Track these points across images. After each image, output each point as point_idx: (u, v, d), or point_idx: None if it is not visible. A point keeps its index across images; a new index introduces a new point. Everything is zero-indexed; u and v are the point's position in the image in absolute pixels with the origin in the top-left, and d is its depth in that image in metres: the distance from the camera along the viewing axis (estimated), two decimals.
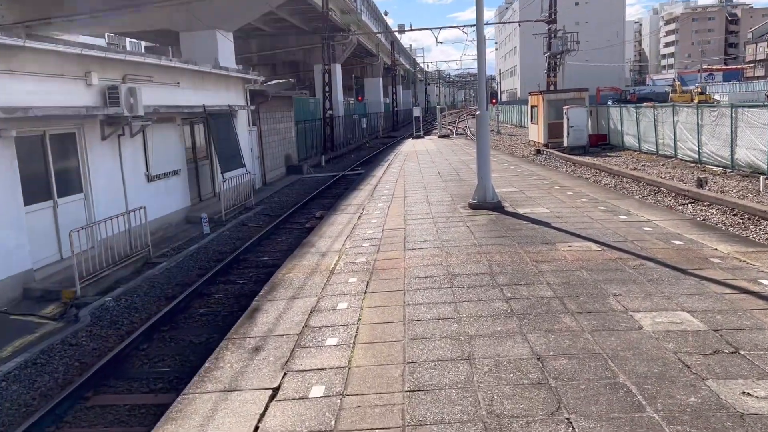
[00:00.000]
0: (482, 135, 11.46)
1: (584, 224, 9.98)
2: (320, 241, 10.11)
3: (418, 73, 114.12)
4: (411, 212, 11.97)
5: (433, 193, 14.62)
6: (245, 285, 10.89)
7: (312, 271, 8.16)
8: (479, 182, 11.65)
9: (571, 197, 12.97)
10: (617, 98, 69.63)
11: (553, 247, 8.54)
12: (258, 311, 6.60)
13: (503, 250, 8.45)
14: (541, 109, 33.32)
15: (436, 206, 12.48)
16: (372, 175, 19.47)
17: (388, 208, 12.76)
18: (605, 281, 6.83)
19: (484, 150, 11.33)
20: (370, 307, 6.42)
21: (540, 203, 12.24)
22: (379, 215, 11.94)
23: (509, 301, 6.34)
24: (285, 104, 28.04)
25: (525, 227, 9.97)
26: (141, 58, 13.80)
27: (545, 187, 14.85)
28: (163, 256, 13.15)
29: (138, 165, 14.35)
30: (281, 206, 19.52)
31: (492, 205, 11.62)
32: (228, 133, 18.45)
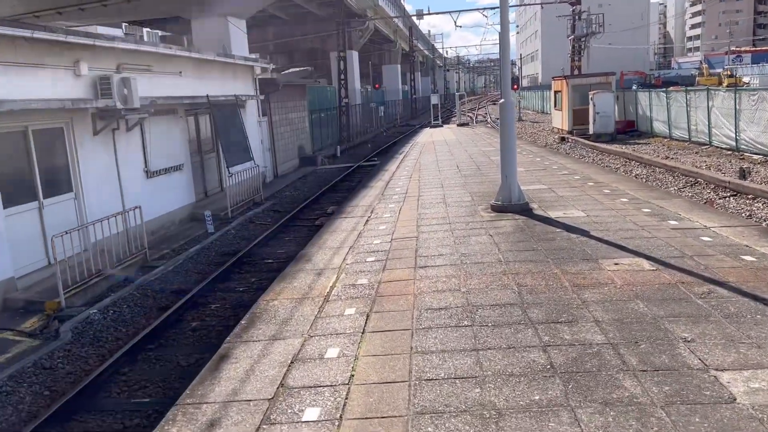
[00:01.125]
0: (506, 127, 9.92)
1: (629, 233, 8.46)
2: (319, 253, 8.76)
3: (437, 59, 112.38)
4: (425, 216, 10.58)
5: (451, 191, 13.17)
6: (245, 293, 9.94)
7: (303, 296, 6.83)
8: (503, 181, 10.18)
9: (608, 197, 11.42)
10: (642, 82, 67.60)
11: (595, 265, 7.08)
12: (226, 360, 5.27)
13: (535, 270, 7.02)
14: (565, 95, 31.94)
15: (454, 208, 11.09)
16: (384, 170, 18.18)
17: (399, 210, 11.41)
18: (669, 318, 5.40)
19: (508, 144, 9.88)
20: (367, 355, 5.08)
21: (574, 204, 10.71)
22: (389, 220, 10.60)
23: (547, 349, 4.93)
24: (298, 93, 27.03)
25: (559, 237, 8.48)
26: (136, 46, 12.85)
27: (577, 183, 13.27)
28: (162, 259, 12.25)
29: (135, 161, 13.44)
30: (292, 201, 18.56)
31: (518, 208, 10.18)
32: (235, 125, 17.50)
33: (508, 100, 9.94)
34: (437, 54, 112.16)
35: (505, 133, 10.06)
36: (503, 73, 9.63)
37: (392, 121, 56.78)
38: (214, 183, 17.69)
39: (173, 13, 30.64)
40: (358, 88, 47.62)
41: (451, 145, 24.54)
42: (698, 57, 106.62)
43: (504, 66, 9.71)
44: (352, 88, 44.65)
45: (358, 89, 47.28)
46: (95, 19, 35.87)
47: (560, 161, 17.88)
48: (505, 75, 9.63)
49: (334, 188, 20.59)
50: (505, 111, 10.00)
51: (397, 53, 69.31)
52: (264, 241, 13.34)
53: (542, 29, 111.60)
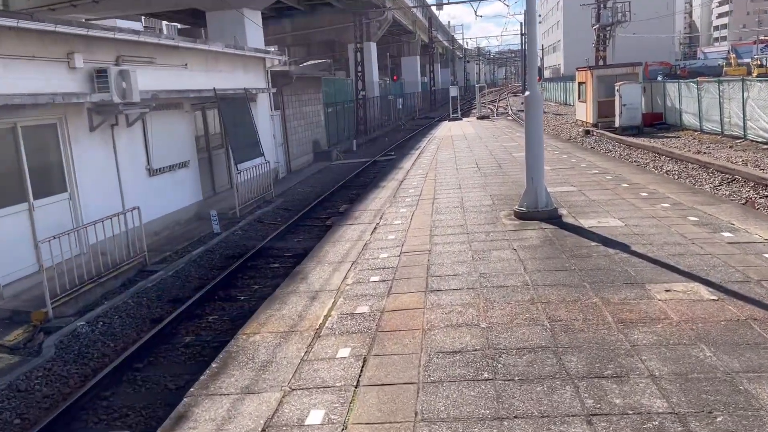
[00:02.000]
0: (533, 124, 8.64)
1: (678, 248, 7.15)
2: (317, 269, 7.58)
3: (457, 50, 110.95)
4: (440, 223, 9.34)
5: (470, 192, 11.90)
6: (246, 303, 9.21)
7: (290, 329, 5.68)
8: (529, 184, 8.92)
9: (646, 201, 9.99)
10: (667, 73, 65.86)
11: (642, 291, 5.80)
12: (183, 421, 4.21)
13: (569, 298, 5.77)
14: (589, 86, 30.78)
15: (473, 214, 9.82)
16: (399, 167, 17.13)
17: (411, 216, 10.17)
18: (747, 373, 4.17)
19: (535, 143, 8.60)
20: (359, 422, 3.95)
21: (608, 211, 9.36)
22: (399, 228, 9.40)
23: (594, 421, 3.73)
24: (312, 86, 26.27)
25: (595, 252, 7.21)
26: (135, 37, 12.16)
27: (610, 185, 11.86)
28: (163, 262, 11.59)
29: (137, 158, 12.78)
30: (303, 199, 17.82)
31: (546, 215, 8.93)
32: (244, 119, 16.79)
33: (535, 94, 8.67)
34: (457, 45, 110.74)
35: (531, 131, 8.78)
36: (529, 63, 8.45)
37: (411, 113, 55.83)
38: (223, 180, 17.01)
39: (189, 4, 30.21)
40: (376, 80, 46.75)
41: (470, 140, 23.27)
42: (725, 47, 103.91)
43: (530, 55, 8.57)
44: (369, 80, 43.81)
45: (376, 81, 46.42)
46: (109, 12, 35.56)
47: (588, 158, 16.54)
48: (532, 65, 8.48)
49: (347, 185, 19.81)
50: (532, 106, 8.70)
51: (417, 45, 68.22)
52: (271, 243, 12.60)
53: (564, 19, 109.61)
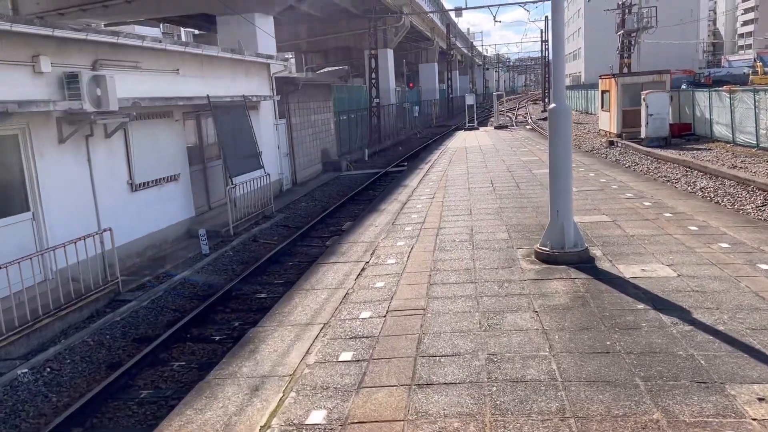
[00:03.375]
0: (559, 144, 6.95)
1: (757, 317, 5.33)
2: (274, 335, 5.76)
3: (475, 57, 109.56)
4: (442, 265, 7.59)
5: (482, 220, 10.11)
6: (220, 346, 7.95)
7: None
8: (554, 218, 7.23)
9: (698, 238, 8.12)
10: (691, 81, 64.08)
11: (724, 399, 4.03)
12: None
13: (617, 409, 3.99)
14: (613, 95, 29.33)
15: (484, 252, 8.04)
16: (404, 184, 15.40)
17: (409, 252, 8.41)
18: None
19: (561, 168, 6.91)
20: None
21: (653, 252, 7.53)
22: (392, 270, 7.62)
23: None
24: (322, 93, 25.10)
25: (645, 321, 5.38)
26: (113, 38, 11.01)
27: (649, 213, 9.91)
28: (139, 290, 10.39)
29: (116, 172, 11.62)
30: (306, 214, 16.59)
31: (575, 258, 7.17)
32: (242, 129, 15.62)
33: (562, 107, 6.89)
34: (476, 52, 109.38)
35: (556, 154, 7.04)
36: (555, 71, 6.78)
37: (427, 121, 54.54)
38: (219, 194, 15.83)
39: (198, 9, 29.48)
40: (393, 88, 45.60)
41: (485, 153, 21.54)
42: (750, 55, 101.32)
43: (556, 62, 6.86)
44: (385, 87, 42.69)
45: (392, 89, 45.28)
46: (119, 17, 34.95)
47: (619, 177, 14.45)
48: (558, 73, 6.76)
49: (354, 198, 18.56)
50: (558, 122, 6.92)
51: (435, 51, 67.04)
52: (263, 267, 11.37)
53: (586, 26, 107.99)
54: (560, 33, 6.25)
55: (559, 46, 6.35)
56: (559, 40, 6.29)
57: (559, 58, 6.48)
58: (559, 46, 6.35)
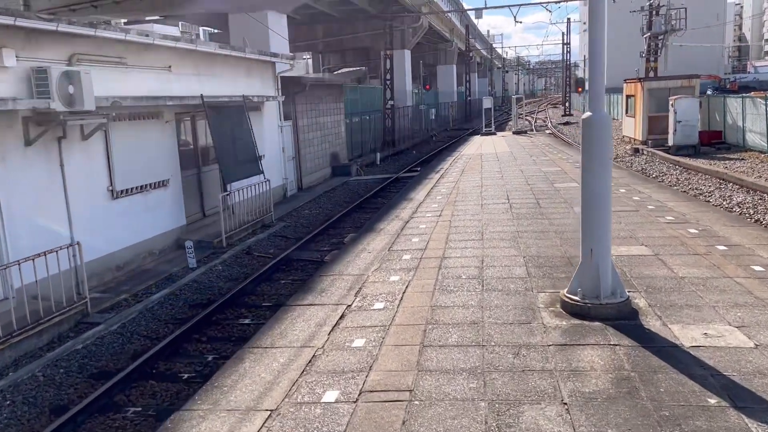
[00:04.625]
0: (595, 163, 5.39)
1: None
2: (201, 427, 4.23)
3: (495, 60, 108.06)
4: (442, 316, 5.97)
5: (495, 249, 8.41)
6: (186, 387, 6.85)
7: None
8: (586, 258, 5.60)
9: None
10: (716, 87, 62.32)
11: None
12: None
13: None
14: (639, 100, 27.95)
15: (497, 297, 6.41)
16: (409, 198, 13.74)
17: (402, 293, 6.75)
18: None
19: (598, 194, 5.38)
20: None
21: (713, 303, 5.94)
22: (377, 321, 5.97)
23: None
24: (332, 94, 24.02)
25: (723, 426, 3.89)
26: (91, 31, 9.97)
27: (698, 245, 8.15)
28: (112, 309, 9.36)
29: (95, 178, 10.59)
30: (308, 223, 15.49)
31: (614, 312, 5.57)
32: (240, 131, 14.56)
33: (600, 116, 5.32)
34: (495, 55, 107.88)
35: (592, 175, 5.40)
36: (593, 72, 5.19)
37: (444, 124, 53.30)
38: (215, 201, 14.73)
39: (211, 7, 28.72)
40: (409, 90, 44.51)
41: (502, 162, 19.65)
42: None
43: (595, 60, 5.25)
44: (401, 89, 41.61)
45: (409, 90, 44.19)
46: (129, 14, 34.42)
47: (656, 195, 12.46)
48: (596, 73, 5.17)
49: (362, 206, 17.44)
50: (594, 134, 5.33)
51: (453, 53, 65.83)
52: (251, 286, 10.28)
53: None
54: (600, 25, 4.95)
55: (598, 42, 4.91)
56: (598, 34, 4.94)
57: (598, 55, 4.91)
58: (598, 41, 4.92)
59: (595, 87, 5.28)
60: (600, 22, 5.05)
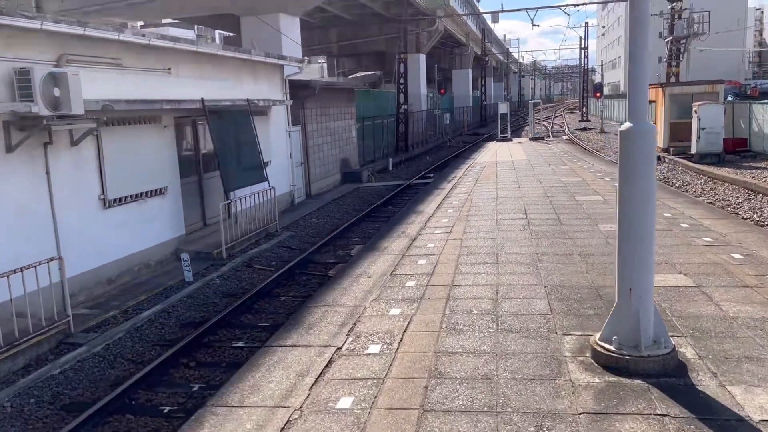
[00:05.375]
0: (636, 185, 4.46)
1: None
2: None
3: (511, 64, 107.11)
4: (448, 366, 5.02)
5: (512, 276, 7.45)
6: (164, 424, 6.17)
7: None
8: (624, 300, 4.67)
9: None
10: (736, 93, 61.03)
11: None
12: None
13: None
14: (660, 106, 27.06)
15: (514, 341, 5.42)
16: (418, 211, 12.75)
17: (402, 333, 5.76)
18: None
19: (639, 224, 4.47)
20: None
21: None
22: (370, 371, 5.05)
23: None
24: (343, 98, 23.38)
25: None
26: (80, 29, 9.37)
27: (747, 274, 7.13)
28: (99, 328, 8.73)
29: (85, 186, 9.99)
30: (314, 233, 14.81)
31: (658, 367, 4.63)
32: (244, 136, 13.94)
33: (643, 127, 4.42)
34: (512, 59, 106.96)
35: (632, 200, 4.47)
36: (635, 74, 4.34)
37: (459, 129, 52.50)
38: (217, 209, 14.09)
39: (222, 9, 28.34)
40: (424, 94, 43.86)
41: (519, 171, 18.62)
42: None
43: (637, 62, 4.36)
44: (416, 93, 40.99)
45: (423, 95, 43.55)
46: (143, 16, 34.21)
47: (688, 211, 11.27)
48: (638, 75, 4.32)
49: (371, 214, 16.75)
50: (636, 149, 4.41)
51: (469, 57, 65.12)
52: (249, 302, 9.61)
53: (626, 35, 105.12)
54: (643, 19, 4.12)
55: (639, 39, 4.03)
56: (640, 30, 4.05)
57: (639, 55, 4.23)
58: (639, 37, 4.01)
59: (636, 92, 4.39)
60: (643, 15, 4.24)
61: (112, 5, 29.43)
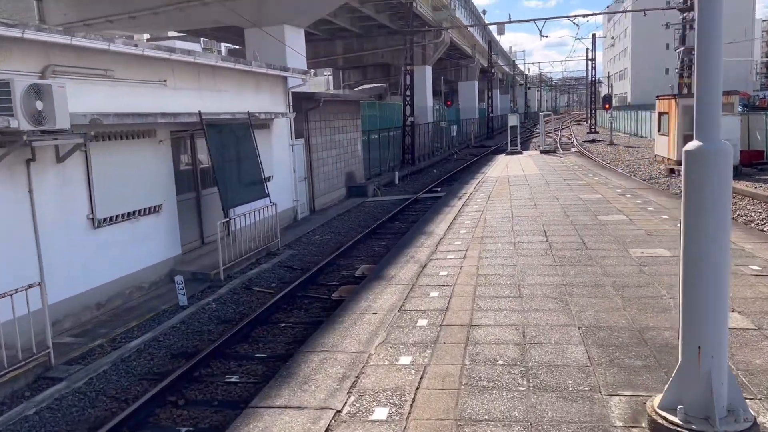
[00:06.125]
0: (707, 220, 3.63)
1: None
2: None
3: (517, 76, 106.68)
4: None
5: (539, 313, 6.55)
6: None
7: None
8: (690, 359, 3.79)
9: None
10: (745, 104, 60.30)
11: None
12: None
13: None
14: (673, 118, 26.39)
15: (550, 402, 4.56)
16: (427, 232, 11.67)
17: (414, 393, 4.87)
18: None
19: (710, 267, 3.63)
20: None
21: None
22: None
23: None
24: (348, 110, 22.80)
25: None
26: (66, 39, 8.78)
27: None
28: (83, 359, 8.08)
29: (72, 205, 9.38)
30: (317, 251, 14.15)
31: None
32: (244, 151, 13.32)
33: (716, 147, 3.62)
34: (518, 71, 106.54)
35: (701, 237, 3.67)
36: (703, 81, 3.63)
37: (465, 141, 51.91)
38: (216, 227, 13.52)
39: (226, 21, 27.95)
40: (430, 106, 43.35)
41: (533, 186, 17.54)
42: None
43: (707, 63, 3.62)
44: (422, 105, 40.48)
45: (429, 107, 43.05)
46: (146, 28, 33.96)
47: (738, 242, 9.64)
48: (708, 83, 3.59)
49: (377, 231, 16.09)
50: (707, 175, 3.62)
51: (475, 69, 64.64)
52: (246, 330, 8.94)
53: (633, 46, 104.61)
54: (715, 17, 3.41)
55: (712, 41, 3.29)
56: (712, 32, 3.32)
57: (712, 59, 3.53)
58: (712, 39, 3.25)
59: (706, 105, 3.59)
60: (714, 19, 3.49)
61: (115, 17, 29.17)
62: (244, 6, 23.51)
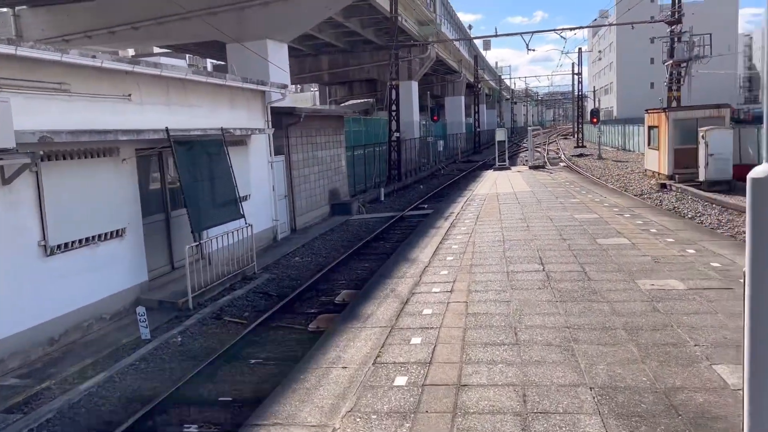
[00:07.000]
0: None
1: None
2: None
3: (503, 91, 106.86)
4: None
5: (541, 366, 5.65)
6: None
7: None
8: None
9: None
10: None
11: None
12: None
13: None
14: (663, 131, 25.95)
15: None
16: (410, 258, 10.79)
17: None
18: None
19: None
20: None
21: None
22: None
23: None
24: (332, 126, 22.08)
25: None
26: (10, 49, 8.01)
27: None
28: (23, 406, 7.20)
29: (20, 231, 8.53)
30: (296, 275, 13.32)
31: None
32: (217, 169, 12.53)
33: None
34: (504, 86, 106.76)
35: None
36: None
37: (452, 156, 51.40)
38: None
39: (207, 36, 27.27)
40: (417, 121, 42.87)
41: (524, 205, 16.75)
42: None
43: None
44: (408, 120, 39.95)
45: (416, 122, 42.57)
46: (126, 43, 33.15)
47: (738, 259, 9.13)
48: None
49: (360, 252, 15.29)
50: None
51: (462, 84, 64.45)
52: (212, 368, 8.10)
53: (618, 60, 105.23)
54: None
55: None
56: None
57: None
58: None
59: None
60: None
61: (94, 32, 28.47)
62: (225, 21, 22.87)
